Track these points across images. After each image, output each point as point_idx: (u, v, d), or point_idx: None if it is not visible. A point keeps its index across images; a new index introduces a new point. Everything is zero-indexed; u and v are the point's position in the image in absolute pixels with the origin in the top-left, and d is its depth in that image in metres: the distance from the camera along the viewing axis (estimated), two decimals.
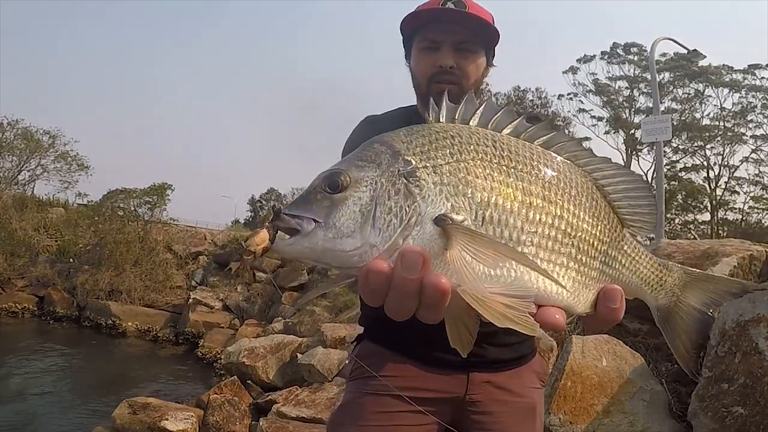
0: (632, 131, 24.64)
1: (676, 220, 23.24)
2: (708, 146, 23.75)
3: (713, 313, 0.79)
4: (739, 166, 23.26)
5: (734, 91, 23.08)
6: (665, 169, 16.60)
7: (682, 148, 24.29)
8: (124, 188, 15.95)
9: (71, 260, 14.56)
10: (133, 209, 15.52)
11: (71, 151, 23.14)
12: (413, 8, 1.32)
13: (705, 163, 23.92)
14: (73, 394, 7.96)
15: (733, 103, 23.33)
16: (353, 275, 0.60)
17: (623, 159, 24.04)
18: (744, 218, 22.63)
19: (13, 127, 21.69)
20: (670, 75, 23.93)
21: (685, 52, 12.44)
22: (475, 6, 1.25)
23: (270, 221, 0.60)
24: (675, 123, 19.12)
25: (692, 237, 20.21)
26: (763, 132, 22.84)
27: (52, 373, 8.91)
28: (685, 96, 24.33)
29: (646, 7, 62.85)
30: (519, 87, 25.38)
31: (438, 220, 0.58)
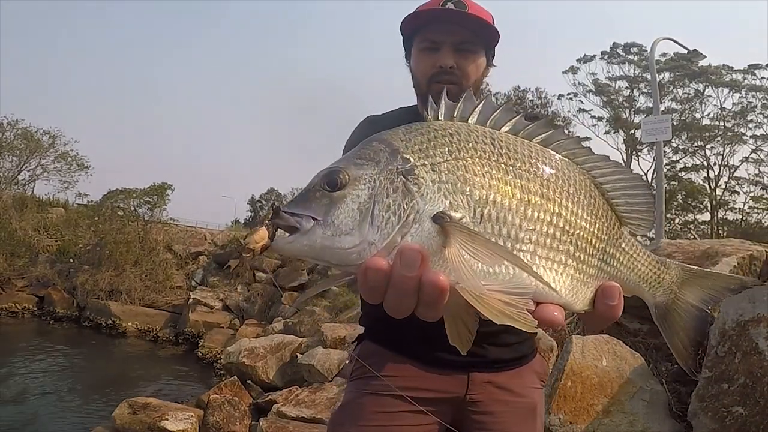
0: (632, 131, 24.64)
1: (676, 220, 23.24)
2: (708, 146, 23.76)
3: (712, 311, 0.79)
4: (739, 166, 23.32)
5: (734, 91, 23.10)
6: (665, 169, 16.60)
7: (682, 148, 24.30)
8: (124, 188, 15.97)
9: (71, 260, 14.55)
10: (133, 209, 15.52)
11: (71, 151, 23.23)
12: (413, 8, 1.32)
13: (705, 163, 23.94)
14: (73, 394, 7.96)
15: (733, 103, 23.39)
16: (352, 273, 0.60)
17: (623, 159, 24.01)
18: (744, 218, 22.64)
19: (13, 127, 21.76)
20: (670, 75, 23.93)
21: (685, 52, 12.43)
22: (475, 6, 1.26)
23: (269, 219, 0.60)
24: (675, 123, 19.13)
25: (692, 237, 20.21)
26: (763, 132, 22.88)
27: (52, 373, 8.90)
28: (685, 96, 24.35)
29: (646, 7, 62.91)
30: (519, 87, 25.43)
31: (436, 218, 0.58)
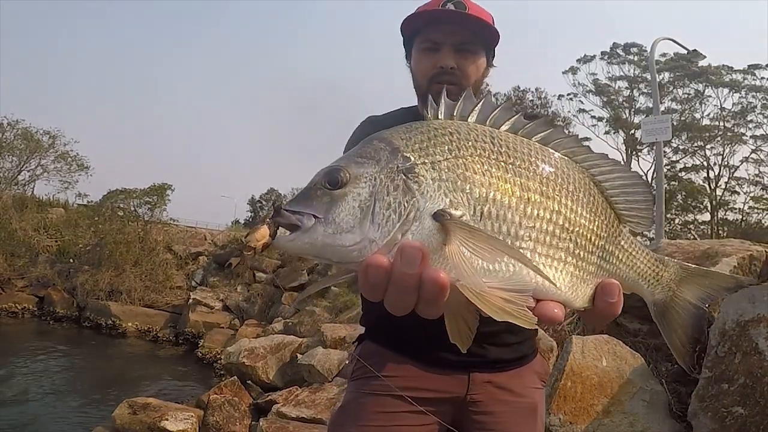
0: (632, 131, 24.62)
1: (676, 220, 23.23)
2: (708, 146, 23.74)
3: (711, 310, 0.79)
4: (739, 166, 23.30)
5: (734, 91, 23.08)
6: (665, 169, 16.60)
7: (682, 148, 24.28)
8: (124, 188, 16.00)
9: (71, 260, 14.55)
10: (133, 209, 15.54)
11: (71, 151, 23.20)
12: (413, 9, 1.32)
13: (705, 163, 23.92)
14: (73, 394, 7.96)
15: (733, 103, 23.36)
16: (353, 270, 0.60)
17: (623, 159, 23.99)
18: (744, 218, 22.63)
19: (13, 127, 21.73)
20: (670, 75, 23.92)
21: (685, 52, 12.43)
22: (475, 7, 1.26)
23: (270, 217, 0.60)
24: (675, 123, 19.12)
25: (692, 237, 20.21)
26: (763, 132, 22.86)
27: (52, 374, 8.91)
28: (685, 96, 24.33)
29: (646, 7, 62.95)
30: (519, 87, 25.39)
31: (436, 216, 0.59)
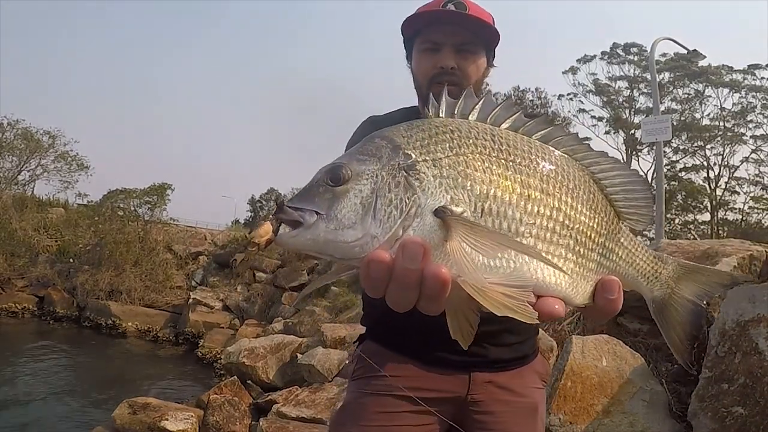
0: (632, 131, 24.63)
1: (676, 220, 23.23)
2: (708, 146, 23.74)
3: (709, 308, 0.80)
4: (739, 167, 23.30)
5: (734, 91, 23.08)
6: (665, 169, 16.60)
7: (682, 148, 24.28)
8: (124, 188, 15.97)
9: (71, 260, 14.56)
10: (133, 209, 15.53)
11: (71, 151, 23.16)
12: (414, 9, 1.32)
13: (705, 163, 23.93)
14: (73, 394, 7.96)
15: (733, 104, 23.35)
16: (355, 266, 0.61)
17: (623, 159, 23.98)
18: (744, 218, 22.63)
19: (13, 127, 21.70)
20: (670, 75, 23.92)
21: (685, 52, 12.43)
22: (475, 7, 1.26)
23: (273, 214, 0.61)
24: (675, 123, 19.13)
25: (692, 237, 20.21)
26: (763, 132, 22.86)
27: (52, 374, 8.91)
28: (685, 96, 24.33)
29: (646, 7, 62.80)
30: (519, 87, 25.38)
31: (438, 212, 0.59)
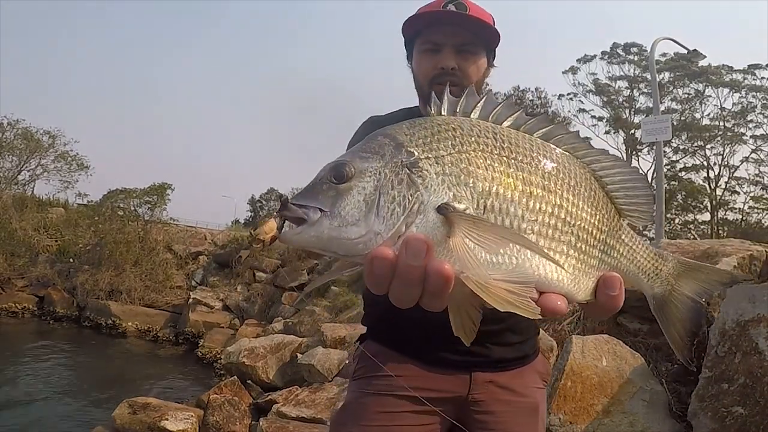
0: (632, 131, 24.64)
1: (676, 220, 23.25)
2: (708, 146, 23.77)
3: (708, 307, 0.81)
4: (739, 166, 23.33)
5: (734, 91, 23.10)
6: (665, 169, 16.61)
7: (682, 148, 24.31)
8: (124, 188, 15.96)
9: (71, 260, 14.54)
10: (133, 209, 15.51)
11: (71, 151, 23.14)
12: (414, 9, 1.33)
13: (705, 163, 23.95)
14: (73, 394, 7.96)
15: (733, 103, 23.39)
16: (358, 263, 0.61)
17: (623, 159, 23.97)
18: (744, 218, 22.65)
19: (13, 127, 21.68)
20: (670, 75, 23.93)
21: (685, 52, 12.43)
22: (475, 8, 1.27)
23: (277, 211, 0.61)
24: (675, 123, 19.14)
25: (692, 237, 20.22)
26: (763, 132, 22.88)
27: (52, 373, 8.90)
28: (685, 96, 24.35)
29: (646, 7, 62.78)
30: (519, 87, 25.42)
31: (440, 209, 0.59)
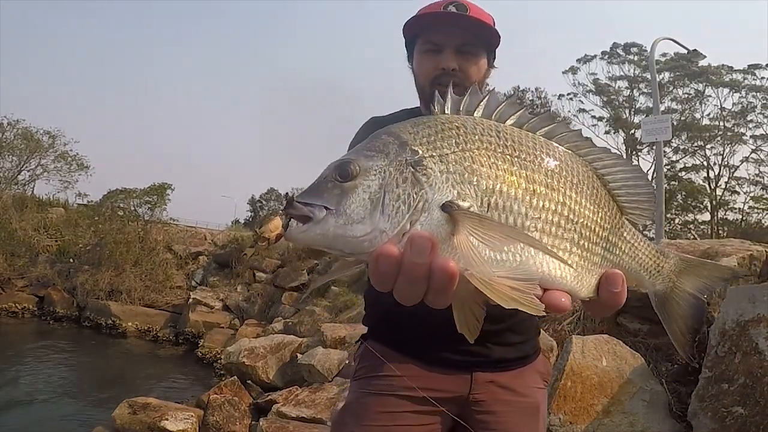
0: (632, 131, 24.62)
1: (676, 220, 23.25)
2: (708, 146, 23.76)
3: (709, 306, 0.81)
4: (739, 166, 23.31)
5: (734, 91, 23.09)
6: (665, 169, 16.60)
7: (682, 148, 24.29)
8: (124, 188, 15.97)
9: (71, 260, 14.53)
10: (133, 209, 15.52)
11: (71, 151, 23.10)
12: (414, 10, 1.33)
13: (705, 163, 23.94)
14: (73, 395, 7.95)
15: (733, 103, 23.37)
16: (364, 261, 0.61)
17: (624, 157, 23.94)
18: (744, 218, 22.64)
19: (13, 127, 21.64)
20: (670, 75, 23.92)
21: (685, 52, 12.44)
22: (476, 9, 1.27)
23: (283, 209, 0.61)
24: (675, 123, 19.13)
25: (692, 237, 20.22)
26: (763, 132, 22.86)
27: (52, 374, 8.90)
28: (685, 96, 24.33)
29: (646, 7, 62.82)
30: (519, 87, 25.45)
31: (445, 207, 0.59)
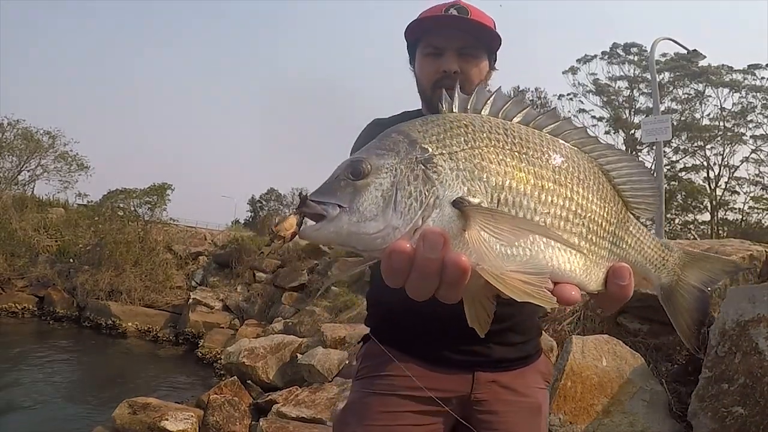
0: (632, 131, 24.64)
1: (676, 220, 23.26)
2: (708, 146, 23.77)
3: (710, 291, 0.84)
4: (739, 166, 23.33)
5: (734, 91, 23.10)
6: (665, 169, 16.62)
7: (682, 148, 24.31)
8: (124, 188, 15.94)
9: (71, 260, 14.52)
10: (133, 209, 15.50)
11: (71, 151, 23.10)
12: (414, 10, 1.35)
13: (705, 163, 23.95)
14: (73, 395, 7.96)
15: (733, 103, 23.39)
16: (377, 257, 0.62)
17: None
18: (744, 218, 22.66)
19: (14, 127, 21.64)
20: (670, 75, 23.93)
21: (685, 52, 12.43)
22: (477, 12, 1.28)
23: (297, 207, 0.63)
24: (675, 123, 19.15)
25: (692, 237, 20.24)
26: (763, 132, 22.88)
27: (52, 374, 8.90)
28: (685, 96, 24.35)
29: (646, 7, 62.80)
30: (519, 87, 25.43)
31: (456, 203, 0.61)
